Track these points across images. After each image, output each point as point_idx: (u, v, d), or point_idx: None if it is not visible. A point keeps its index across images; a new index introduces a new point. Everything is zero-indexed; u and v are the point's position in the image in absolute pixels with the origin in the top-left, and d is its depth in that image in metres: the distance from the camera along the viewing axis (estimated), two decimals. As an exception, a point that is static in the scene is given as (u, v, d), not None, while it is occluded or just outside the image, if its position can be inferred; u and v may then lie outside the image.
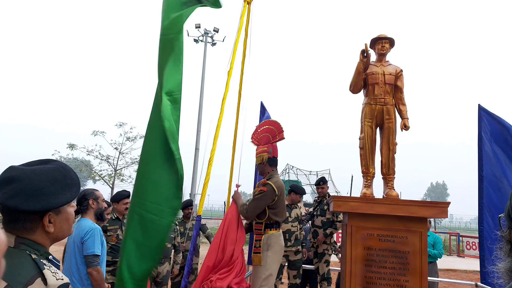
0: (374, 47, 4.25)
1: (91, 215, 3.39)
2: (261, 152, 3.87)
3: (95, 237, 3.22)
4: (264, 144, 3.92)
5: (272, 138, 3.93)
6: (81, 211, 3.39)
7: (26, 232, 1.17)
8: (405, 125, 4.12)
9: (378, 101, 4.11)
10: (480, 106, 5.23)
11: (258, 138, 4.00)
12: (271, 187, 3.60)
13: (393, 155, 4.12)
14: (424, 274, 3.58)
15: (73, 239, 3.27)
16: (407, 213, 3.64)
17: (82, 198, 3.39)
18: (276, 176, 3.80)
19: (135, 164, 24.76)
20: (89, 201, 3.38)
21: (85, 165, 25.94)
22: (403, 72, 4.23)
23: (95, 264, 3.17)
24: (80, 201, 3.39)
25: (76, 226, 3.30)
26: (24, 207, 1.14)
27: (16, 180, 1.16)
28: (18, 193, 1.14)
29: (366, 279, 3.63)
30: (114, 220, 4.54)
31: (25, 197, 1.14)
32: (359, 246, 3.69)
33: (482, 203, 4.87)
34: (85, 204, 3.37)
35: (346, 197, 4.06)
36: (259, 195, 3.61)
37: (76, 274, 3.20)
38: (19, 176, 1.17)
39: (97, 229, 3.27)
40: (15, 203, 1.13)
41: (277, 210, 3.65)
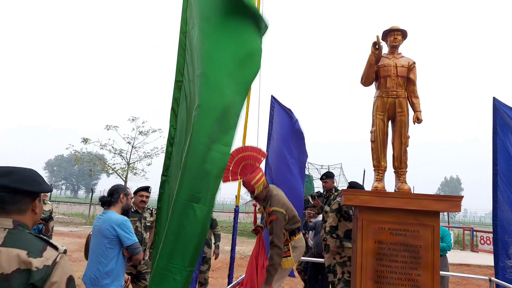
0: (386, 39, 4.19)
1: (118, 208, 3.52)
2: (258, 181, 3.84)
3: (130, 227, 3.42)
4: (250, 172, 3.86)
5: (257, 161, 3.91)
6: (110, 203, 3.52)
7: (20, 214, 1.52)
8: (418, 118, 4.06)
9: (390, 94, 4.06)
10: (495, 99, 5.14)
11: (238, 172, 3.89)
12: (278, 212, 3.77)
13: (405, 148, 4.08)
14: (436, 268, 3.55)
15: (100, 231, 3.37)
16: (419, 207, 3.60)
17: (114, 191, 3.56)
18: (274, 195, 3.89)
19: (148, 158, 25.03)
20: (120, 195, 3.53)
21: (98, 159, 26.31)
22: (416, 64, 4.17)
23: (139, 251, 3.44)
24: (112, 193, 3.55)
25: (105, 218, 3.41)
26: (27, 188, 1.53)
27: (14, 172, 1.54)
28: (20, 180, 1.52)
29: (377, 272, 3.62)
30: (134, 213, 4.72)
31: (25, 182, 1.53)
32: (370, 240, 3.68)
33: (496, 197, 4.80)
34: (115, 197, 3.52)
35: (357, 191, 4.04)
36: (274, 225, 3.76)
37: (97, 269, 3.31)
38: (15, 169, 1.55)
39: (128, 220, 3.46)
40: (19, 186, 1.51)
41: (291, 222, 3.94)
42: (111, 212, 3.45)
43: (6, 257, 1.37)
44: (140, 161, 25.35)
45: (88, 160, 26.51)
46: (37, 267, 1.37)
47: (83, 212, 26.70)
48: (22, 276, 1.35)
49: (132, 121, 24.30)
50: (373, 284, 3.61)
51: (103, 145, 24.23)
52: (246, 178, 3.87)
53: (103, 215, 3.47)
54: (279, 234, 3.75)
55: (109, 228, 3.32)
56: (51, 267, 1.41)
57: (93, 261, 3.35)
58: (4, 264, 1.35)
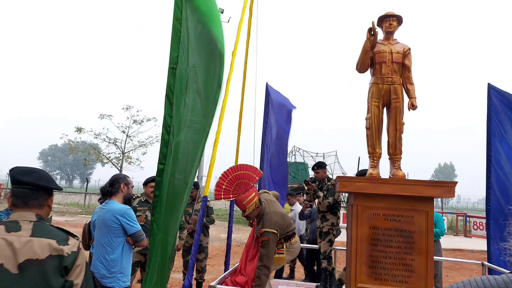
0: (381, 25, 4.16)
1: (120, 198, 3.59)
2: (250, 201, 3.89)
3: (132, 215, 3.48)
4: (244, 191, 3.93)
5: (251, 180, 3.98)
6: (111, 193, 3.59)
7: (39, 208, 1.76)
8: (413, 104, 4.06)
9: (385, 81, 4.05)
10: (490, 85, 5.14)
11: (231, 190, 3.96)
12: (270, 233, 3.82)
13: (400, 135, 4.08)
14: (430, 253, 3.59)
15: (104, 221, 3.45)
16: (414, 193, 3.63)
17: (114, 181, 3.62)
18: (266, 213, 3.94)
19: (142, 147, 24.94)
20: (120, 185, 3.59)
21: (93, 148, 26.19)
22: (411, 50, 4.15)
23: (143, 237, 3.52)
24: (112, 183, 3.61)
25: (108, 208, 3.48)
26: (47, 185, 1.79)
27: (36, 172, 1.80)
28: (41, 178, 1.78)
29: (371, 257, 3.66)
30: (143, 202, 4.86)
31: (45, 180, 1.79)
32: (365, 226, 3.71)
33: (490, 183, 4.84)
34: (116, 187, 3.58)
35: (352, 177, 4.06)
36: (266, 246, 3.80)
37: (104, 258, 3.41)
38: (36, 169, 1.81)
39: (130, 209, 3.52)
40: (41, 183, 1.76)
41: (286, 231, 4.03)
42: (113, 202, 3.52)
43: (39, 245, 1.61)
44: (135, 150, 25.28)
45: (82, 150, 26.40)
46: (67, 253, 1.66)
47: (79, 202, 26.66)
48: (55, 260, 1.62)
49: (126, 110, 24.16)
50: (367, 269, 3.65)
51: (97, 134, 24.11)
52: (238, 198, 3.92)
53: (105, 206, 3.53)
54: (270, 255, 3.80)
55: (112, 218, 3.40)
56: (77, 253, 1.71)
57: (99, 250, 3.43)
58: (38, 251, 1.60)
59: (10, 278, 1.55)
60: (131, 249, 3.61)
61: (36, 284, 1.58)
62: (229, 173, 3.96)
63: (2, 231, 1.63)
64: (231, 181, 3.96)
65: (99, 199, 4.43)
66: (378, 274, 3.63)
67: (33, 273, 1.58)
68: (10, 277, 1.56)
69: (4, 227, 1.65)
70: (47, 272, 1.60)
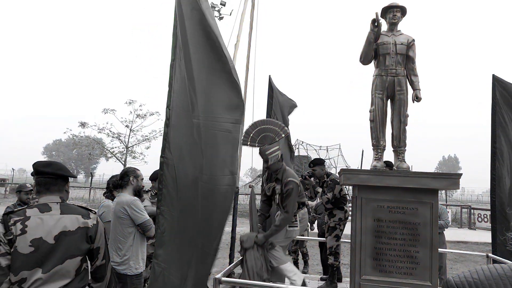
0: (385, 16, 4.13)
1: (130, 190, 3.75)
2: (273, 153, 4.11)
3: (140, 206, 3.59)
4: (269, 143, 4.16)
5: (277, 136, 4.19)
6: (121, 186, 3.77)
7: (60, 192, 2.23)
8: (417, 96, 4.04)
9: (389, 72, 4.02)
10: (494, 76, 5.10)
11: (258, 139, 4.19)
12: (293, 182, 4.05)
13: (404, 127, 4.06)
14: (434, 245, 3.59)
15: (115, 213, 3.63)
16: (418, 185, 3.62)
17: (124, 174, 3.78)
18: (287, 169, 4.22)
19: (146, 141, 25.00)
20: (130, 178, 3.75)
21: (97, 143, 26.28)
22: (415, 41, 4.12)
23: (150, 227, 3.61)
24: (122, 176, 3.78)
25: (118, 200, 3.66)
26: (64, 173, 2.25)
27: (53, 164, 2.27)
28: (59, 168, 2.25)
29: (376, 250, 3.66)
30: (153, 196, 4.99)
31: (62, 170, 2.25)
32: (369, 218, 3.70)
33: (494, 174, 4.82)
34: (126, 180, 3.75)
35: (356, 170, 4.06)
36: (289, 194, 4.06)
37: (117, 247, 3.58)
38: (53, 162, 2.29)
39: (137, 200, 3.65)
40: (59, 172, 2.23)
41: (299, 195, 4.24)
42: (123, 194, 3.68)
43: (69, 220, 2.13)
44: (138, 145, 25.34)
45: (86, 144, 26.48)
46: (91, 225, 2.21)
47: (83, 196, 26.82)
48: (82, 231, 2.16)
49: (129, 104, 24.17)
50: (372, 261, 3.65)
51: (101, 129, 24.16)
52: (263, 148, 4.15)
53: (117, 198, 3.72)
54: (294, 202, 4.02)
55: (121, 209, 3.56)
56: (97, 225, 2.25)
57: (113, 241, 3.62)
58: (69, 225, 2.12)
59: (49, 247, 2.05)
60: (143, 238, 3.73)
61: (69, 249, 2.09)
62: (258, 124, 4.21)
63: (37, 212, 2.10)
64: (258, 131, 4.19)
65: (104, 193, 4.49)
66: (383, 266, 3.63)
67: (66, 241, 2.09)
68: (49, 246, 2.05)
69: (37, 209, 2.12)
70: (77, 240, 2.13)
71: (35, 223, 2.05)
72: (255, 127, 4.20)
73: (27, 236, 2.02)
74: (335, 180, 5.18)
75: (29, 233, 2.03)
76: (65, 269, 2.07)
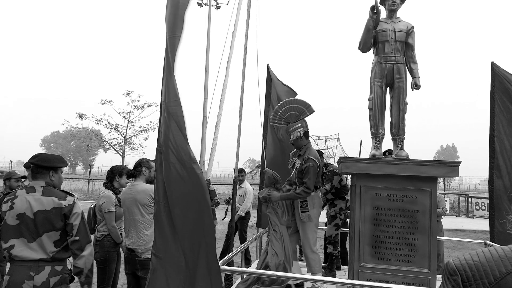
0: (384, 3, 4.08)
1: (143, 180, 3.85)
2: (297, 129, 4.25)
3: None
4: (294, 121, 4.31)
5: (302, 114, 4.32)
6: (135, 175, 3.88)
7: (44, 178, 2.77)
8: (416, 84, 4.01)
9: (389, 60, 3.99)
10: (493, 64, 5.07)
11: (284, 118, 4.37)
12: (313, 161, 4.12)
13: (403, 115, 4.05)
14: (433, 233, 3.60)
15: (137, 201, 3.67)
16: (417, 173, 3.61)
17: (138, 165, 3.91)
18: (311, 148, 4.33)
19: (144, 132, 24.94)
20: (142, 168, 3.86)
21: (95, 134, 26.23)
22: (414, 28, 4.08)
23: None
24: (136, 166, 3.91)
25: (139, 188, 3.73)
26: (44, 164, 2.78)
27: (38, 156, 2.82)
28: (41, 159, 2.79)
29: (375, 237, 3.67)
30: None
31: (44, 161, 2.78)
32: (368, 206, 3.71)
33: (492, 162, 4.82)
34: (139, 170, 3.87)
35: (354, 158, 4.04)
36: (308, 171, 4.11)
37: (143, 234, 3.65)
38: (40, 154, 2.85)
39: None
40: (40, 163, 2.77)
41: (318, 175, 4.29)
42: (141, 183, 3.78)
43: (46, 201, 2.65)
44: (136, 136, 25.28)
45: (84, 136, 26.43)
46: (65, 205, 2.69)
47: (82, 188, 26.81)
48: (57, 210, 2.65)
49: (127, 95, 24.06)
50: (371, 249, 3.67)
51: (99, 120, 24.07)
52: (287, 126, 4.33)
53: (133, 187, 3.80)
54: (312, 178, 4.11)
55: (147, 197, 3.64)
56: (72, 205, 2.72)
57: (134, 227, 3.68)
58: (45, 205, 2.64)
59: (30, 220, 2.61)
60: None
61: (44, 224, 2.61)
62: (285, 104, 4.34)
63: (24, 193, 2.69)
64: (285, 110, 4.35)
65: (104, 183, 4.46)
66: (382, 253, 3.65)
67: (42, 218, 2.62)
68: (30, 220, 2.61)
69: (25, 190, 2.71)
70: (52, 217, 2.64)
71: (20, 201, 2.64)
72: (282, 107, 4.34)
73: (13, 211, 2.62)
74: (333, 171, 5.18)
75: (15, 209, 2.62)
76: (44, 240, 2.61)
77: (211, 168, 4.17)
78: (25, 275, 2.53)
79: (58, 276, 2.63)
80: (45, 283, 2.55)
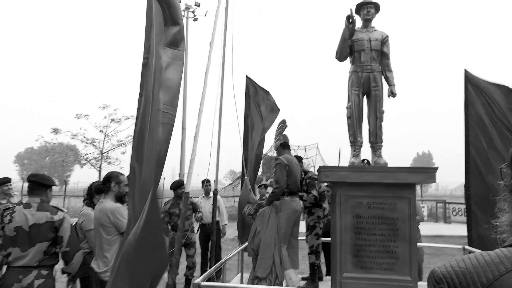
0: (359, 13, 4.14)
1: (112, 196, 3.59)
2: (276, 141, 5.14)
3: (123, 213, 3.40)
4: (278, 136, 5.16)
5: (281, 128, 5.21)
6: (103, 191, 3.65)
7: (41, 195, 3.19)
8: (392, 92, 4.07)
9: (365, 69, 4.03)
10: (466, 71, 5.20)
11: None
12: (281, 159, 4.67)
13: (380, 123, 4.08)
14: (413, 240, 3.61)
15: (98, 221, 3.47)
16: (396, 180, 3.63)
17: (106, 180, 3.63)
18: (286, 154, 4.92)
19: (121, 146, 24.49)
20: (111, 184, 3.59)
21: (70, 150, 25.58)
22: (389, 37, 4.15)
23: None
24: (104, 182, 3.64)
25: (100, 208, 3.49)
26: (44, 182, 3.26)
27: (39, 175, 3.34)
28: (41, 178, 3.28)
29: (356, 246, 3.65)
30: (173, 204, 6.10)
31: (44, 180, 3.28)
32: (349, 215, 3.69)
33: (468, 167, 4.90)
34: (107, 186, 3.59)
35: (334, 167, 4.05)
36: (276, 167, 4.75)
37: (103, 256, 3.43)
38: (38, 174, 3.36)
39: (121, 207, 3.47)
40: (41, 181, 3.25)
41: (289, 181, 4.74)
42: (106, 201, 3.53)
43: (40, 216, 3.06)
44: (113, 150, 24.77)
45: (59, 151, 25.75)
46: (56, 219, 3.11)
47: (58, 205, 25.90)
48: (49, 224, 3.06)
49: (103, 108, 23.60)
50: (353, 258, 3.64)
51: (74, 134, 23.49)
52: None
53: (99, 205, 3.56)
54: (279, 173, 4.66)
55: (105, 217, 3.41)
56: (62, 219, 3.14)
57: (98, 249, 3.47)
58: (40, 219, 3.04)
59: (25, 233, 3.01)
60: None
61: (38, 236, 3.01)
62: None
63: (22, 208, 3.10)
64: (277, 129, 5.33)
65: (84, 199, 4.36)
66: (363, 262, 3.62)
67: (37, 230, 3.02)
68: (25, 232, 3.01)
69: (22, 206, 3.12)
70: (45, 230, 3.04)
71: (18, 215, 3.05)
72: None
73: (12, 224, 3.03)
74: (313, 177, 5.16)
75: (14, 222, 3.03)
76: (37, 249, 3.01)
77: (190, 181, 4.08)
78: (15, 278, 2.94)
79: (43, 279, 3.01)
80: (30, 284, 2.94)
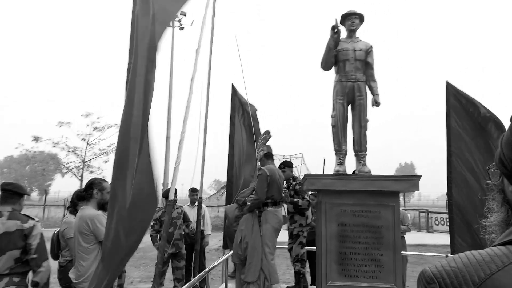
0: (344, 23, 4.20)
1: (94, 204, 3.52)
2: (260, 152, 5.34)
3: (102, 221, 3.28)
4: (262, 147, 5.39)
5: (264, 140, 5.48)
6: (85, 198, 3.57)
7: (14, 204, 3.23)
8: (376, 101, 4.12)
9: (349, 78, 4.09)
10: (448, 83, 5.32)
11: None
12: (263, 170, 4.67)
13: (364, 132, 4.13)
14: (397, 248, 3.63)
15: (77, 228, 3.39)
16: (380, 188, 3.66)
17: (88, 187, 3.55)
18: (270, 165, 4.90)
19: (104, 155, 24.12)
20: (94, 191, 3.51)
21: (51, 158, 25.07)
22: (373, 48, 4.22)
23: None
24: (86, 189, 3.56)
25: (80, 214, 3.42)
26: (19, 191, 3.32)
27: (13, 184, 3.40)
28: (16, 187, 3.33)
29: (341, 254, 3.65)
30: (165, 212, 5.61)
31: (18, 188, 3.34)
32: (333, 223, 3.70)
33: (451, 177, 4.98)
34: (89, 193, 3.52)
35: (319, 175, 4.06)
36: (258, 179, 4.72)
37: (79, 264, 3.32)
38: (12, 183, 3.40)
39: (101, 215, 3.39)
40: (16, 190, 3.30)
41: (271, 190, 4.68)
42: (87, 208, 3.46)
43: (11, 224, 3.09)
44: (96, 159, 24.37)
45: (40, 160, 25.19)
46: (26, 227, 3.12)
47: (37, 215, 25.32)
48: (19, 232, 3.09)
49: (86, 116, 23.26)
50: (338, 266, 3.64)
51: (56, 143, 23.05)
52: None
53: (79, 212, 3.49)
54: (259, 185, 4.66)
55: (84, 224, 3.33)
56: (32, 227, 3.15)
57: (77, 257, 3.37)
58: (10, 227, 3.07)
59: None
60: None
61: (8, 244, 3.05)
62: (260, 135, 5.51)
63: None
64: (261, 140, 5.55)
65: (68, 207, 4.30)
66: (348, 271, 3.63)
67: (7, 239, 3.05)
68: None
69: None
70: (15, 238, 3.08)
71: None
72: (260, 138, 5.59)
73: None
74: (301, 183, 5.20)
75: None
76: (7, 258, 3.03)
77: (174, 189, 4.02)
78: None
79: (14, 286, 3.05)
80: None
